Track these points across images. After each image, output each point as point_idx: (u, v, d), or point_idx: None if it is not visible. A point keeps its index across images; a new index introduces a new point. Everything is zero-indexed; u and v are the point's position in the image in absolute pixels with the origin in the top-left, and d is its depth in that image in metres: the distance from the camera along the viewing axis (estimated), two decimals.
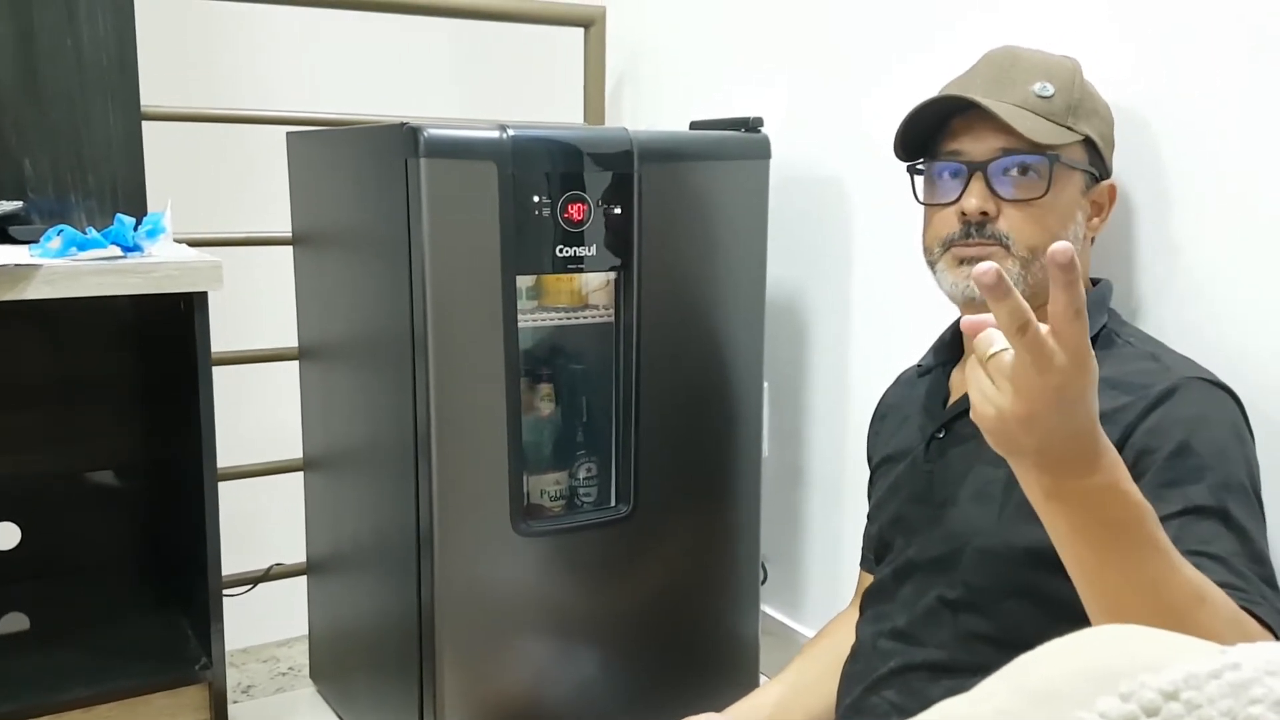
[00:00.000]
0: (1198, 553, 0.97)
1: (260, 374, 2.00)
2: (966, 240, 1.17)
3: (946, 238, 1.19)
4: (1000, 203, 1.16)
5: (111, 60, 1.66)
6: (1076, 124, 1.18)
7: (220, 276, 1.43)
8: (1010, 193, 1.16)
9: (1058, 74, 1.19)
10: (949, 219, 1.19)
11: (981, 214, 1.16)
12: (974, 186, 1.17)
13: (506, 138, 1.46)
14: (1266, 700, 0.40)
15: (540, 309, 1.62)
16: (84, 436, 1.80)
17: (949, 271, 1.19)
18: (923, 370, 1.34)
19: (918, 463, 1.26)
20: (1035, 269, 1.16)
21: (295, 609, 2.05)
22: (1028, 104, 1.17)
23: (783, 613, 2.02)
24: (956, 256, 1.18)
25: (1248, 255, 1.25)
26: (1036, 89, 1.17)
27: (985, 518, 1.14)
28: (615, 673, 1.67)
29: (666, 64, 2.22)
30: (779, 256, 1.82)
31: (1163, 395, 1.07)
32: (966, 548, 1.15)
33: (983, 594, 1.13)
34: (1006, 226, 1.16)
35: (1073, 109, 1.18)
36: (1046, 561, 1.07)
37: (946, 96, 1.20)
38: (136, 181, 1.70)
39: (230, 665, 2.01)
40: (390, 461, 1.58)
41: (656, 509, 1.66)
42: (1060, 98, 1.17)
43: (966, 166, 1.18)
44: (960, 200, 1.17)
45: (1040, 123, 1.16)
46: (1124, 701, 0.41)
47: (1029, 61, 1.20)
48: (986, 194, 1.16)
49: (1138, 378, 1.10)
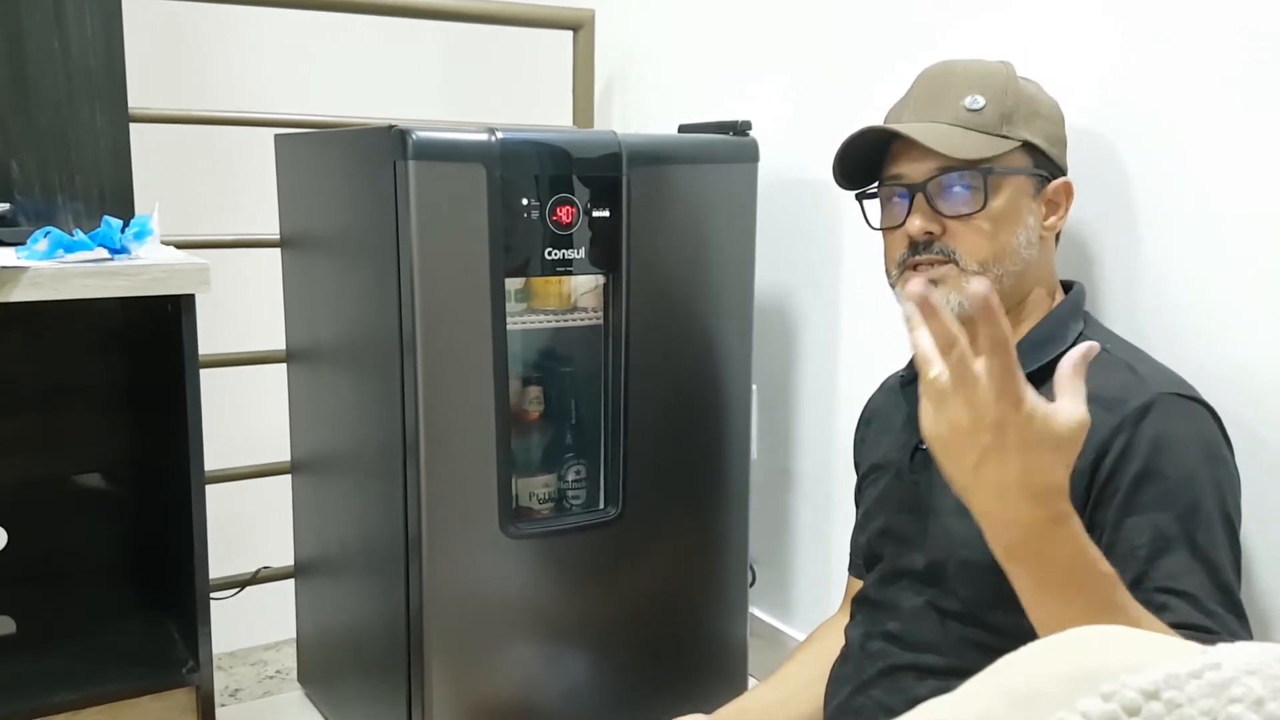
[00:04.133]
0: (1167, 589, 1.00)
1: (248, 377, 2.00)
2: (915, 258, 1.20)
3: (900, 258, 1.22)
4: (944, 220, 1.18)
5: (99, 62, 1.66)
6: (1013, 130, 1.19)
7: (208, 279, 1.42)
8: (950, 209, 1.18)
9: (989, 84, 1.20)
10: (900, 240, 1.22)
11: (926, 233, 1.18)
12: (916, 207, 1.19)
13: (495, 140, 1.46)
14: (1246, 699, 0.41)
15: (529, 312, 1.62)
16: (71, 439, 1.79)
17: (905, 294, 1.21)
18: (905, 381, 1.35)
19: (903, 474, 1.27)
20: (991, 279, 1.16)
21: (283, 612, 2.04)
22: (958, 120, 1.19)
23: (771, 615, 2.02)
24: (908, 279, 1.20)
25: (1224, 259, 1.26)
26: (967, 103, 1.19)
27: (968, 531, 1.13)
28: (604, 675, 1.67)
29: (655, 67, 2.22)
30: (768, 260, 1.83)
31: (1138, 414, 1.08)
32: (951, 560, 1.16)
33: (973, 604, 1.14)
34: (953, 242, 1.18)
35: (1006, 117, 1.19)
36: None
37: (871, 129, 1.23)
38: (124, 183, 1.70)
39: (218, 668, 2.01)
40: (379, 464, 1.57)
41: (645, 512, 1.66)
42: (992, 107, 1.19)
43: (908, 189, 1.20)
44: (905, 223, 1.20)
45: (970, 137, 1.17)
46: (1105, 701, 0.42)
47: (960, 75, 1.22)
48: (929, 213, 1.19)
49: (1114, 391, 1.11)
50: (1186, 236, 1.30)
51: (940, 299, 1.15)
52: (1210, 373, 1.20)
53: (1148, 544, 1.03)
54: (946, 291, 1.17)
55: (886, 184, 1.24)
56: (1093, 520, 1.05)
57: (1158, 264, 1.33)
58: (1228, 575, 1.04)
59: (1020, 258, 1.19)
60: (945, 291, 1.17)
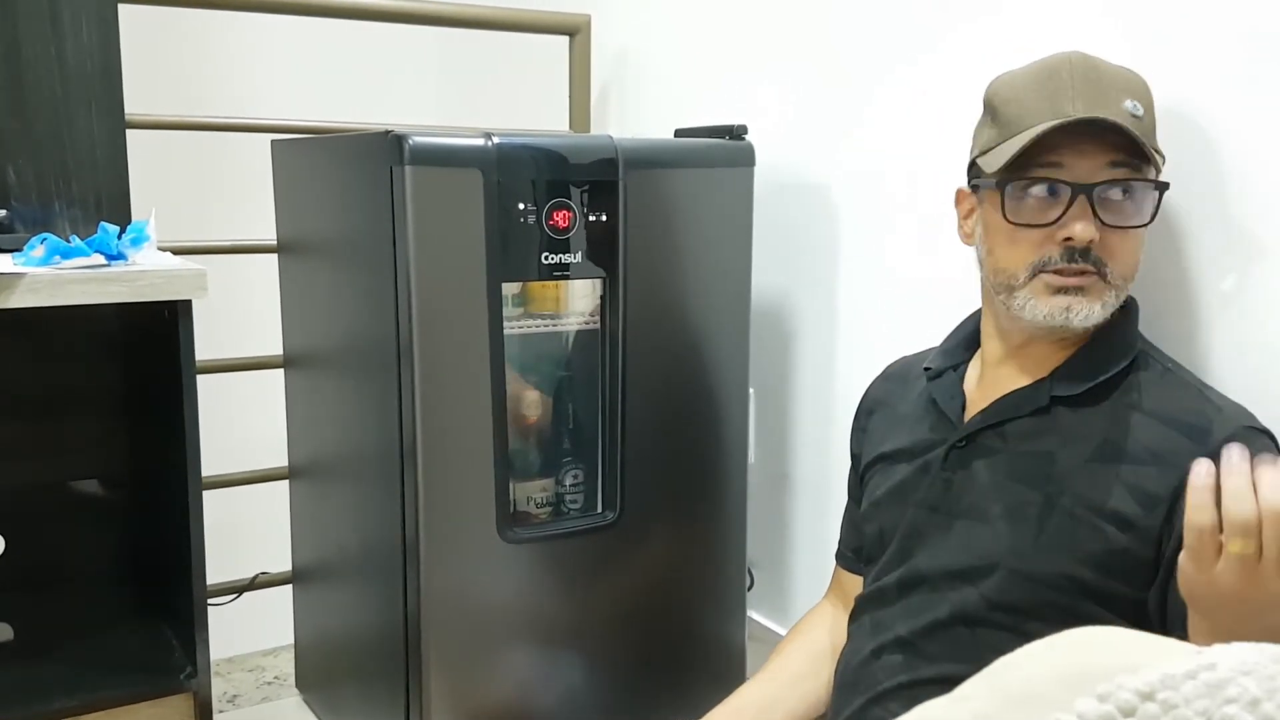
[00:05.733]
0: None
1: (245, 382, 2.00)
2: (1068, 266, 1.09)
3: (1038, 262, 1.10)
4: (1102, 228, 1.08)
5: (95, 68, 1.66)
6: (1156, 144, 1.12)
7: (205, 284, 1.42)
8: (1116, 219, 1.09)
9: (1138, 92, 1.11)
10: (1041, 241, 1.10)
11: (1088, 241, 1.08)
12: (1078, 209, 1.08)
13: (491, 145, 1.46)
14: (1241, 700, 0.41)
15: (526, 316, 1.62)
16: (68, 446, 1.79)
17: (1039, 299, 1.11)
18: (933, 373, 1.29)
19: (932, 469, 1.21)
20: (1123, 295, 1.13)
21: (281, 618, 2.04)
22: (1127, 122, 1.07)
23: (769, 618, 2.02)
24: (1051, 285, 1.10)
25: (1244, 262, 1.26)
26: (1129, 107, 1.08)
27: (1020, 538, 1.11)
28: (602, 679, 1.67)
29: (651, 71, 2.22)
30: (765, 263, 1.83)
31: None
32: (998, 566, 1.11)
33: (1011, 613, 1.10)
34: (1106, 254, 1.09)
35: (1154, 129, 1.12)
36: (1087, 590, 1.07)
37: (1090, 120, 1.07)
38: (120, 189, 1.70)
39: (216, 675, 2.01)
40: (376, 469, 1.57)
41: (643, 515, 1.66)
42: (1148, 118, 1.10)
43: (1070, 187, 1.08)
44: (1062, 223, 1.08)
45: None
46: (1101, 702, 0.42)
47: (1110, 75, 1.11)
48: (1091, 218, 1.08)
49: (1190, 417, 1.08)
50: (1203, 241, 1.30)
51: (1083, 313, 1.09)
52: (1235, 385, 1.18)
53: None
54: (1092, 302, 1.10)
55: (1044, 174, 1.09)
56: (1178, 552, 1.04)
57: (1177, 271, 1.32)
58: None
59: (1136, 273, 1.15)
60: (1090, 302, 1.10)
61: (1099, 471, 1.09)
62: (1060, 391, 1.14)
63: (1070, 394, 1.13)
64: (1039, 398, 1.15)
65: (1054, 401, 1.14)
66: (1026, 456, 1.14)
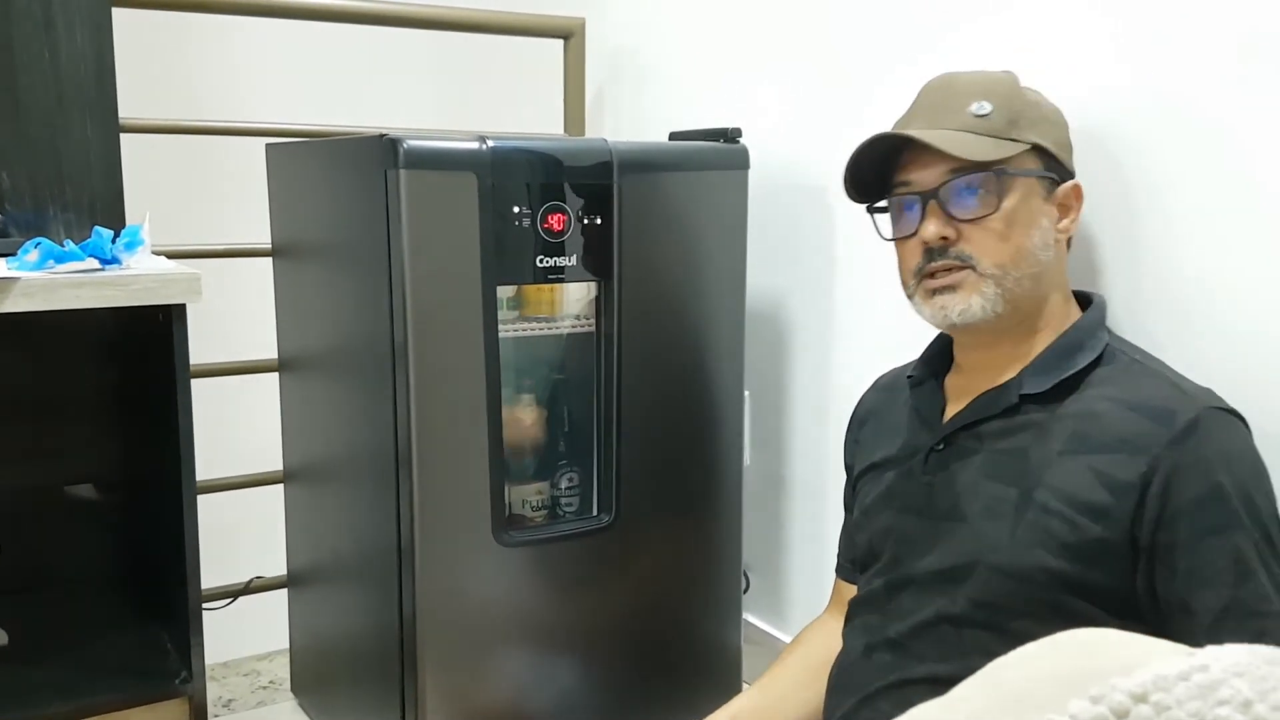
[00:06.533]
0: (1260, 613, 1.03)
1: (240, 386, 2.00)
2: (931, 266, 1.20)
3: (916, 268, 1.22)
4: (959, 225, 1.18)
5: (89, 73, 1.66)
6: (1020, 134, 1.19)
7: (199, 288, 1.42)
8: (964, 213, 1.18)
9: (994, 91, 1.21)
10: (915, 249, 1.21)
11: (941, 239, 1.18)
12: (929, 214, 1.19)
13: (486, 149, 1.46)
14: (1233, 701, 0.41)
15: (521, 319, 1.62)
16: (63, 450, 1.79)
17: (924, 304, 1.22)
18: (915, 381, 1.34)
19: (914, 474, 1.25)
20: (1010, 283, 1.17)
21: (276, 622, 2.04)
22: (966, 126, 1.19)
23: (765, 621, 2.02)
24: (928, 289, 1.21)
25: (1230, 261, 1.27)
26: (974, 109, 1.19)
27: (998, 535, 1.14)
28: (597, 683, 1.67)
29: (646, 74, 2.23)
30: (760, 266, 1.83)
31: (1188, 428, 1.08)
32: (978, 565, 1.14)
33: (994, 611, 1.13)
34: (969, 247, 1.18)
35: (1013, 121, 1.19)
36: (1067, 582, 1.09)
37: (881, 136, 1.22)
38: (114, 194, 1.69)
39: (210, 679, 2.00)
40: (371, 473, 1.57)
41: (638, 518, 1.66)
42: (999, 113, 1.19)
43: (919, 196, 1.20)
44: (919, 230, 1.20)
45: (980, 141, 1.18)
46: (1094, 704, 0.42)
47: (964, 84, 1.23)
48: (943, 219, 1.19)
49: (1156, 401, 1.11)
50: (1190, 240, 1.30)
51: (959, 309, 1.18)
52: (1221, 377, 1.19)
53: (1231, 569, 1.04)
54: (966, 296, 1.17)
55: (897, 193, 1.24)
56: (1156, 540, 1.06)
57: (1160, 269, 1.33)
58: None
59: (1037, 259, 1.19)
60: (964, 296, 1.17)
61: (1069, 463, 1.12)
62: (1029, 389, 1.18)
63: (1038, 391, 1.18)
64: (1009, 397, 1.19)
65: (1023, 400, 1.18)
66: (1001, 455, 1.18)
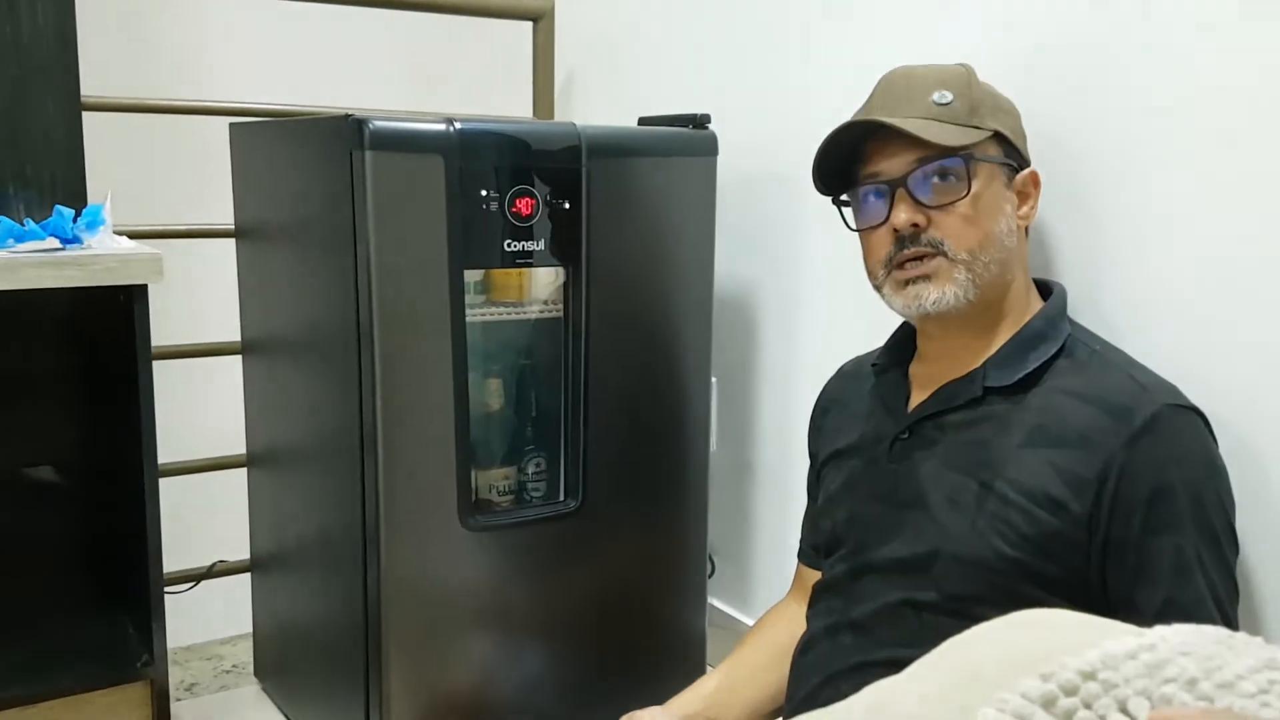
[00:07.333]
0: (1194, 615, 1.05)
1: (203, 369, 1.98)
2: (902, 254, 1.20)
3: (885, 257, 1.22)
4: (928, 212, 1.19)
5: (51, 50, 1.64)
6: (982, 121, 1.21)
7: (160, 269, 1.41)
8: (933, 199, 1.19)
9: (953, 81, 1.22)
10: (884, 239, 1.22)
11: (912, 225, 1.19)
12: (899, 202, 1.20)
13: (453, 131, 1.45)
14: (1180, 679, 0.42)
15: (489, 304, 1.62)
16: (23, 432, 1.77)
17: (894, 294, 1.22)
18: (879, 369, 1.35)
19: (879, 462, 1.26)
20: (980, 268, 1.19)
21: (239, 607, 2.03)
22: (929, 114, 1.20)
23: (730, 605, 2.03)
24: (898, 279, 1.21)
25: (1188, 253, 1.28)
26: (935, 98, 1.20)
27: (959, 525, 1.15)
28: (563, 666, 1.67)
29: (616, 59, 2.22)
30: (728, 253, 1.83)
31: (1145, 426, 1.09)
32: (940, 553, 1.16)
33: (954, 598, 1.14)
34: (940, 233, 1.18)
35: (974, 109, 1.21)
36: (1025, 572, 1.10)
37: (850, 124, 1.23)
38: (76, 173, 1.67)
39: (173, 663, 1.99)
40: (336, 457, 1.57)
41: (605, 504, 1.66)
42: (959, 102, 1.20)
43: (888, 185, 1.21)
44: (889, 218, 1.20)
45: (945, 128, 1.19)
46: (1044, 682, 0.43)
47: (922, 76, 1.24)
48: (912, 206, 1.19)
49: (1115, 397, 1.12)
50: (1148, 232, 1.31)
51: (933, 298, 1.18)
52: (1180, 369, 1.20)
53: (1173, 569, 1.07)
54: (941, 285, 1.18)
55: (865, 182, 1.24)
56: (1109, 535, 1.08)
57: (1119, 261, 1.34)
58: (1230, 589, 1.10)
59: (1003, 245, 1.20)
60: (939, 285, 1.18)
61: (1029, 456, 1.13)
62: (993, 382, 1.19)
63: (1002, 384, 1.19)
64: (973, 389, 1.20)
65: (987, 392, 1.19)
66: (963, 446, 1.19)
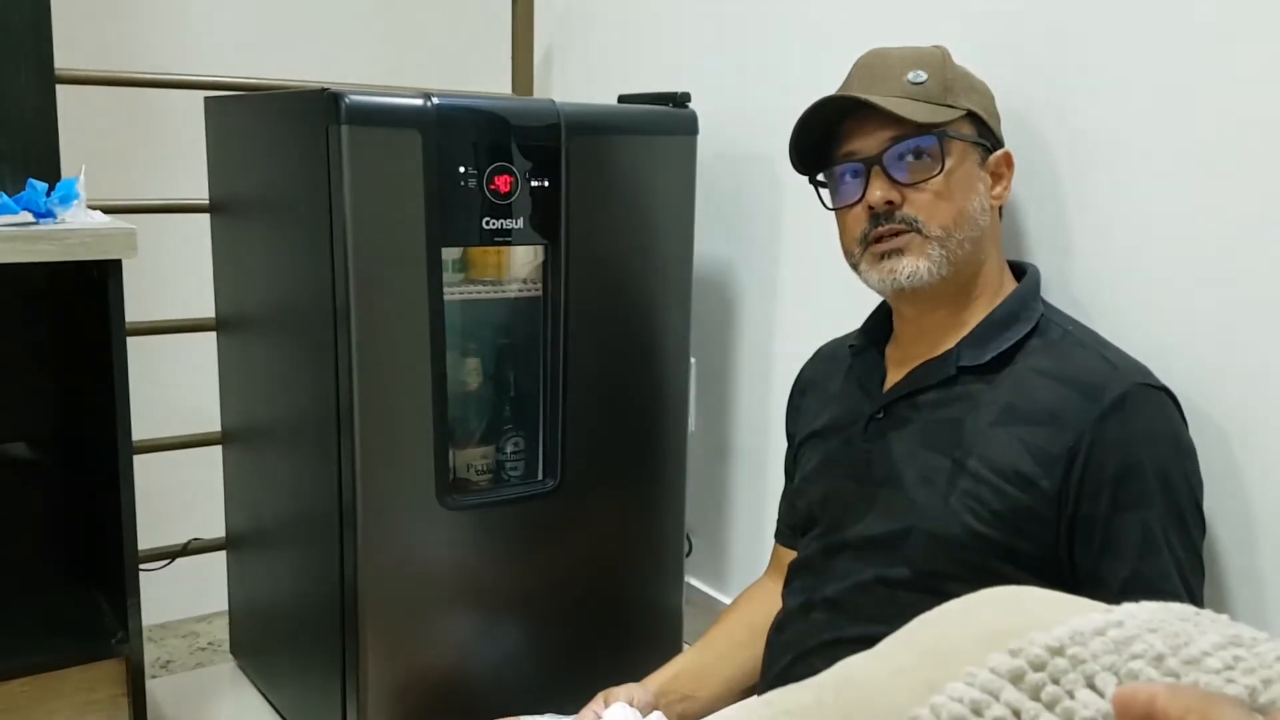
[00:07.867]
0: (1158, 589, 1.08)
1: (177, 345, 1.97)
2: (877, 230, 1.21)
3: (861, 235, 1.23)
4: (903, 189, 1.20)
5: (24, 22, 1.61)
6: (956, 101, 1.22)
7: (134, 244, 1.40)
8: (908, 177, 1.20)
9: (927, 61, 1.24)
10: (859, 217, 1.23)
11: (887, 203, 1.20)
12: (874, 179, 1.21)
13: (431, 106, 1.44)
14: (1146, 655, 0.42)
15: (467, 282, 1.61)
16: None
17: (870, 269, 1.24)
18: (855, 350, 1.36)
19: (854, 441, 1.28)
20: (954, 245, 1.20)
21: (215, 584, 2.02)
22: (904, 93, 1.21)
23: (707, 584, 2.04)
24: (875, 254, 1.22)
25: (1157, 235, 1.29)
26: (910, 78, 1.22)
27: (931, 502, 1.17)
28: (540, 645, 1.67)
29: (596, 35, 2.21)
30: (708, 233, 1.83)
31: (1114, 405, 1.11)
32: (913, 530, 1.17)
33: (928, 575, 1.16)
34: (914, 210, 1.20)
35: (948, 88, 1.23)
36: (996, 548, 1.12)
37: (825, 101, 1.24)
38: (49, 146, 1.65)
39: (149, 640, 1.99)
40: (312, 435, 1.56)
41: (583, 483, 1.66)
42: (934, 81, 1.22)
43: (863, 163, 1.22)
44: (864, 196, 1.22)
45: (920, 106, 1.20)
46: (1013, 657, 0.43)
47: (897, 57, 1.25)
48: (887, 184, 1.21)
49: (1086, 375, 1.14)
50: (1119, 214, 1.33)
51: (908, 271, 1.20)
52: (1150, 350, 1.22)
53: (1139, 544, 1.08)
54: (914, 260, 1.19)
55: (841, 160, 1.25)
56: (1077, 512, 1.10)
57: (1090, 243, 1.35)
58: (1196, 567, 1.12)
59: (976, 224, 1.22)
60: (913, 260, 1.19)
61: (1001, 434, 1.15)
62: (966, 361, 1.21)
63: (975, 364, 1.20)
64: (947, 368, 1.22)
65: (961, 371, 1.21)
66: (937, 424, 1.20)
